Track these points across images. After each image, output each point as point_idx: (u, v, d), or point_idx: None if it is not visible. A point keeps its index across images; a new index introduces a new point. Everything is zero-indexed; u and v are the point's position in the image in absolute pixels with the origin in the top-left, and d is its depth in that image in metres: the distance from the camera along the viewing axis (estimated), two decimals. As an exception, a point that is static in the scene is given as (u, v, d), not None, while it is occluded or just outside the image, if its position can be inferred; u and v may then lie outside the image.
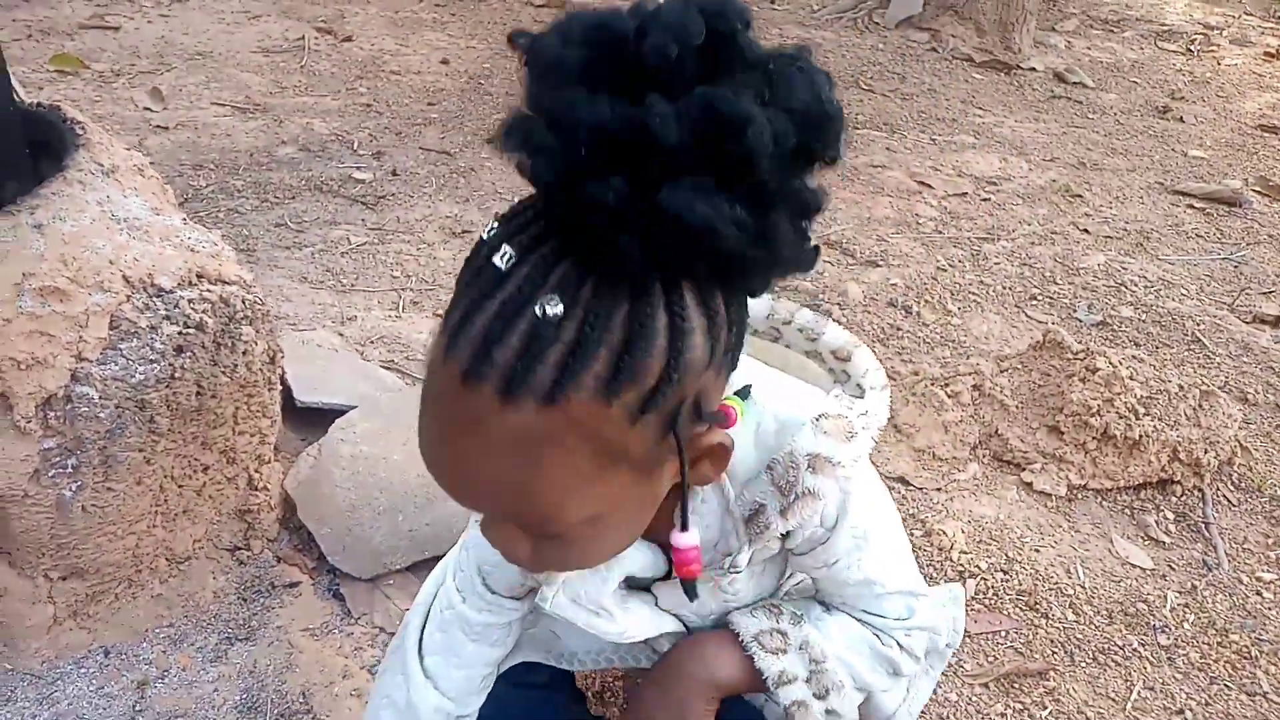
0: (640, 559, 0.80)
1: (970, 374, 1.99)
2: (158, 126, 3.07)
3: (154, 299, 1.23)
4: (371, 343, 2.12)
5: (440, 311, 2.29)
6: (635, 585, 0.85)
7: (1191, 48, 5.15)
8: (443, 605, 0.93)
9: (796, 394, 0.78)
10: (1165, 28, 5.46)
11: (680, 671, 0.84)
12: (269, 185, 2.80)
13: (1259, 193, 3.43)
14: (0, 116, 1.27)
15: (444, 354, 0.57)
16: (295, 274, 2.39)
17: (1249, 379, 2.26)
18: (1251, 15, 5.91)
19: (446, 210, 2.77)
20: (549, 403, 0.54)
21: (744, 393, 0.75)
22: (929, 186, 3.27)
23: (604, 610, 0.81)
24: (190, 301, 1.26)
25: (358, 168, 2.97)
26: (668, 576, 0.83)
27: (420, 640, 0.93)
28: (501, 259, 0.55)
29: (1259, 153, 3.83)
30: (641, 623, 0.83)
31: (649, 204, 0.51)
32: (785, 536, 0.79)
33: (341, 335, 2.13)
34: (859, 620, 0.85)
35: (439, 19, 4.40)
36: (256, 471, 1.49)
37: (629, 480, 0.61)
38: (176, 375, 1.24)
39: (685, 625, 0.88)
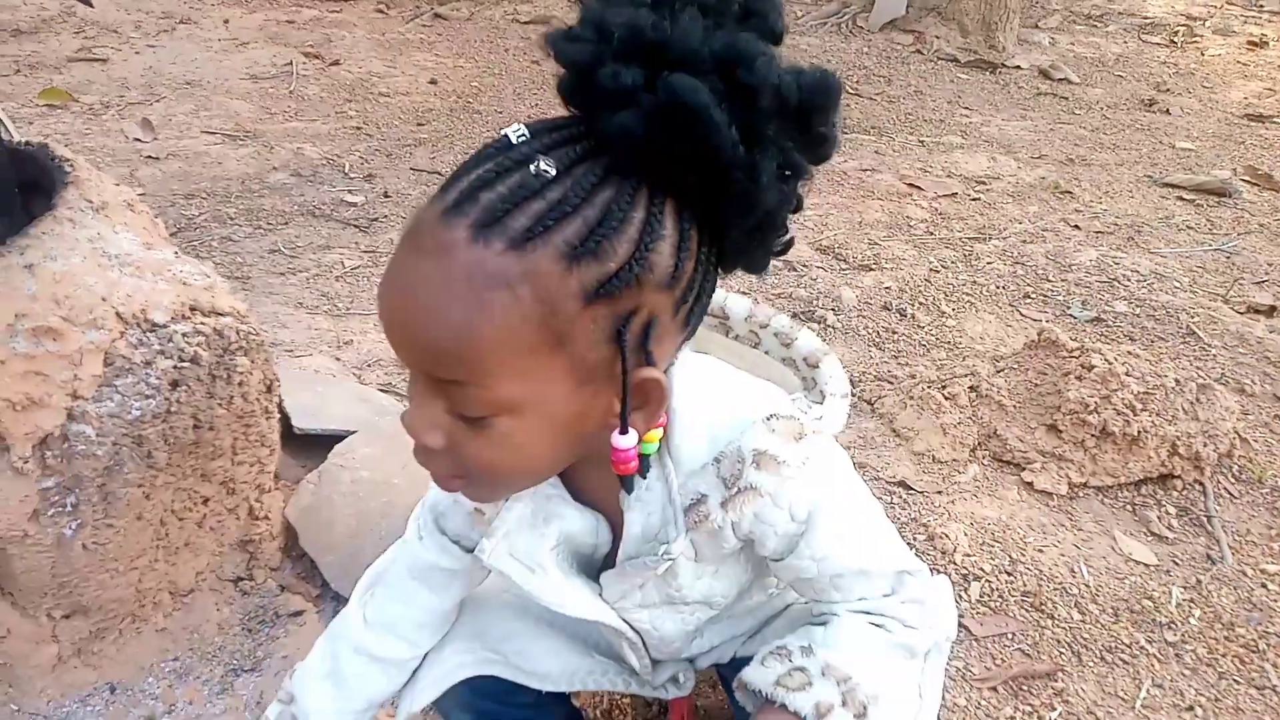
0: (580, 521, 0.80)
1: (966, 375, 1.99)
2: (149, 157, 3.08)
3: (148, 334, 1.23)
4: (368, 366, 2.12)
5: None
6: (587, 572, 0.85)
7: (1175, 39, 5.18)
8: (392, 555, 0.96)
9: (753, 393, 0.78)
10: (1148, 20, 5.49)
11: None
12: (261, 212, 2.81)
13: (1248, 182, 3.44)
14: (-11, 157, 1.27)
15: (434, 197, 0.62)
16: (290, 300, 2.39)
17: (1245, 370, 2.26)
18: (1233, 5, 5.94)
19: (439, 230, 2.78)
20: (516, 248, 0.58)
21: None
22: (919, 188, 3.28)
23: (540, 567, 0.80)
24: (184, 335, 1.26)
25: (349, 191, 2.98)
26: (609, 561, 0.82)
27: (365, 596, 0.97)
28: (514, 133, 0.62)
29: (1246, 142, 3.84)
30: (580, 603, 0.82)
31: (658, 84, 0.58)
32: (749, 543, 0.78)
33: (338, 360, 2.13)
34: (859, 614, 0.81)
35: (426, 39, 4.42)
36: (257, 501, 1.49)
37: (563, 377, 0.63)
38: (173, 410, 1.24)
39: (628, 623, 0.86)
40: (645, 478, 0.72)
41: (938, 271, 2.72)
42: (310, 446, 1.71)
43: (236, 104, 3.55)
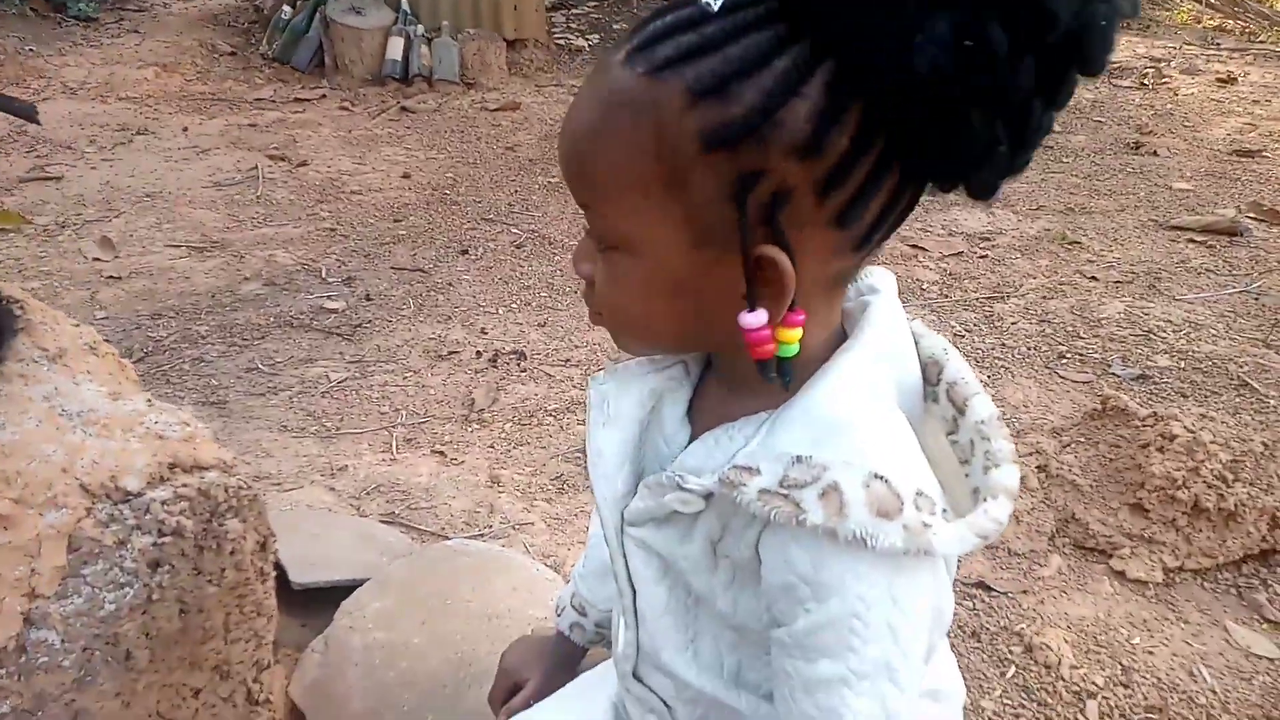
0: (671, 422, 0.73)
1: (1031, 454, 1.81)
2: (110, 277, 2.88)
3: (119, 507, 1.02)
4: (367, 494, 1.91)
5: (438, 447, 2.10)
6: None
7: (1145, 82, 5.19)
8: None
9: (899, 446, 0.61)
10: (1115, 64, 5.50)
11: None
12: (235, 327, 2.61)
13: (1255, 219, 3.35)
14: (-78, 307, 1.08)
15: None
16: (273, 423, 2.18)
17: (1313, 420, 2.11)
18: (1191, 45, 6.00)
19: (428, 331, 2.59)
20: (652, 74, 0.57)
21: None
22: (923, 249, 3.15)
23: (610, 419, 0.74)
24: (164, 503, 1.05)
25: (328, 297, 2.79)
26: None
27: None
28: None
29: (1241, 178, 3.77)
30: (607, 485, 0.74)
31: None
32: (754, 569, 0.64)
33: (333, 490, 1.91)
34: None
35: (395, 134, 4.29)
36: (255, 682, 1.26)
37: (677, 226, 0.59)
38: (154, 597, 1.02)
39: (627, 566, 0.73)
40: (786, 386, 0.62)
41: (962, 336, 2.57)
42: (311, 602, 1.49)
43: (201, 214, 3.37)
